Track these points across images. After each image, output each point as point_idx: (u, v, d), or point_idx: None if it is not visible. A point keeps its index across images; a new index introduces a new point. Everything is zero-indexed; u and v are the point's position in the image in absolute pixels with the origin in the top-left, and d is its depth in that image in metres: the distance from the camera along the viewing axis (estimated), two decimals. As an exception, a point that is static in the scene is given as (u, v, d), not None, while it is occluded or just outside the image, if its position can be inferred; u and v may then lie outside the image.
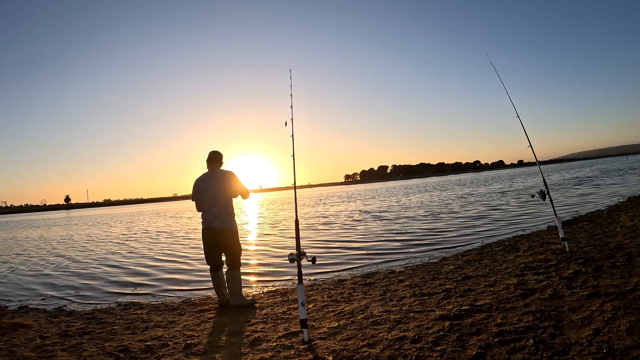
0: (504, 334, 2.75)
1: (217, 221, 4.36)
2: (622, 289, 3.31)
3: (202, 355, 3.08)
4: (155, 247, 11.10)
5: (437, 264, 5.69)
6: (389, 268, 5.86)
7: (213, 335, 3.55)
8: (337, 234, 10.46)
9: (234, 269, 4.40)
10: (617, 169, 33.45)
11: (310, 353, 2.86)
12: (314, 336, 3.19)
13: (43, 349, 3.43)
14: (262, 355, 2.93)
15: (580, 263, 4.37)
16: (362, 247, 8.07)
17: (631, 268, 3.91)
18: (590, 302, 3.15)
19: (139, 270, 7.67)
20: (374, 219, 13.29)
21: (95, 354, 3.23)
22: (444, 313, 3.32)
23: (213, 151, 4.61)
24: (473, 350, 2.58)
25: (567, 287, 3.60)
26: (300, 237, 3.35)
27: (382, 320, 3.37)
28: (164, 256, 9.13)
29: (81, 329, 3.97)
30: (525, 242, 6.45)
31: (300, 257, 3.22)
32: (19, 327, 4.19)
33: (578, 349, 2.41)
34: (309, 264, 3.23)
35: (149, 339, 3.52)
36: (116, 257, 9.55)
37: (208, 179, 4.46)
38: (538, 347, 2.49)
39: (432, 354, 2.60)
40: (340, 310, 3.83)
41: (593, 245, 5.25)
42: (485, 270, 4.81)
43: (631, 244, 4.96)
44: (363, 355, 2.71)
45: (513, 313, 3.15)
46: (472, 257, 5.82)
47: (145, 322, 4.12)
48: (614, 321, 2.72)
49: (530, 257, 5.09)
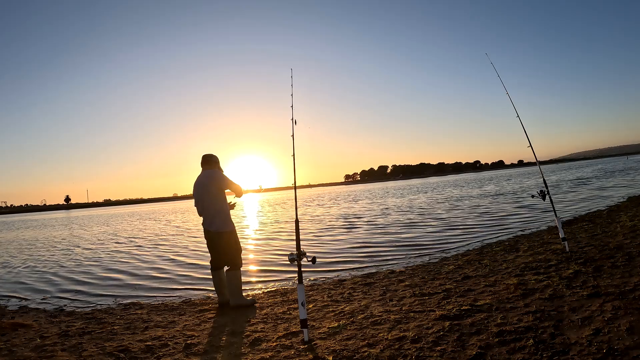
0: (504, 334, 2.75)
1: (213, 224, 4.40)
2: (622, 289, 3.31)
3: (202, 355, 3.08)
4: (157, 248, 11.10)
5: (437, 264, 5.69)
6: (389, 268, 5.86)
7: (213, 335, 3.55)
8: (337, 233, 10.46)
9: (234, 269, 4.41)
10: (617, 169, 33.44)
11: (310, 353, 2.86)
12: (314, 336, 3.19)
13: (43, 349, 3.43)
14: (262, 355, 2.93)
15: (580, 263, 4.37)
16: (362, 247, 8.07)
17: (631, 268, 3.91)
18: (590, 302, 3.15)
19: (139, 270, 7.67)
20: (376, 219, 13.29)
21: (95, 354, 3.23)
22: (444, 313, 3.32)
23: (204, 154, 4.64)
24: (473, 350, 2.58)
25: (567, 287, 3.60)
26: (300, 237, 3.36)
27: (382, 320, 3.37)
28: (165, 257, 9.13)
29: (81, 329, 3.97)
30: (525, 242, 6.45)
31: (300, 257, 3.22)
32: (19, 327, 4.20)
33: (578, 349, 2.41)
34: (309, 264, 3.23)
35: (149, 339, 3.52)
36: (116, 257, 9.55)
37: (197, 182, 4.52)
38: (538, 347, 2.49)
39: (432, 354, 2.60)
40: (340, 310, 3.83)
41: (593, 245, 5.25)
42: (485, 270, 4.81)
43: (631, 244, 4.96)
44: (363, 355, 2.71)
45: (513, 313, 3.15)
46: (472, 257, 5.82)
47: (145, 322, 4.12)
48: (614, 321, 2.72)
49: (530, 257, 5.09)
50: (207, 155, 4.59)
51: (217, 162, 4.61)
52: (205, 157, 4.57)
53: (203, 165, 4.56)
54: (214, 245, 4.46)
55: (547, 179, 15.11)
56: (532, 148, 5.35)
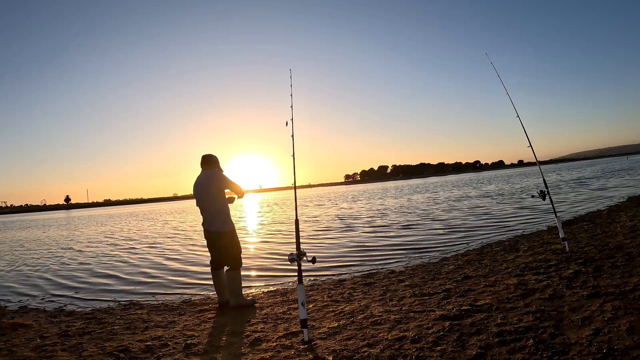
0: (504, 334, 2.75)
1: (213, 225, 4.40)
2: (622, 289, 3.31)
3: (202, 355, 3.08)
4: (158, 248, 11.11)
5: (437, 264, 5.69)
6: (388, 268, 5.86)
7: (213, 335, 3.55)
8: (337, 233, 10.46)
9: (234, 269, 4.41)
10: (617, 169, 33.45)
11: (310, 353, 2.86)
12: (314, 336, 3.19)
13: (43, 349, 3.43)
14: (262, 355, 2.93)
15: (580, 263, 4.37)
16: (362, 247, 8.07)
17: (631, 268, 3.91)
18: (590, 302, 3.15)
19: (139, 270, 7.67)
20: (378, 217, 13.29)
21: (95, 354, 3.23)
22: (444, 313, 3.32)
23: (203, 154, 4.63)
24: (473, 350, 2.58)
25: (567, 287, 3.60)
26: (300, 237, 3.36)
27: (382, 320, 3.37)
28: (165, 257, 9.13)
29: (81, 329, 3.97)
30: (525, 242, 6.45)
31: (300, 257, 3.22)
32: (19, 327, 4.20)
33: (578, 349, 2.41)
34: (309, 264, 3.23)
35: (149, 339, 3.52)
36: (116, 258, 9.55)
37: (196, 182, 4.51)
38: (538, 347, 2.49)
39: (432, 354, 2.60)
40: (340, 310, 3.83)
41: (593, 245, 5.25)
42: (485, 270, 4.81)
43: (631, 244, 4.96)
44: (363, 355, 2.71)
45: (513, 313, 3.15)
46: (472, 257, 5.82)
47: (145, 322, 4.12)
48: (614, 321, 2.72)
49: (530, 257, 5.09)
50: (206, 155, 4.58)
51: (217, 162, 4.60)
52: (204, 157, 4.57)
53: (203, 166, 4.56)
54: (214, 245, 4.46)
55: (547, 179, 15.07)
56: (532, 148, 5.35)
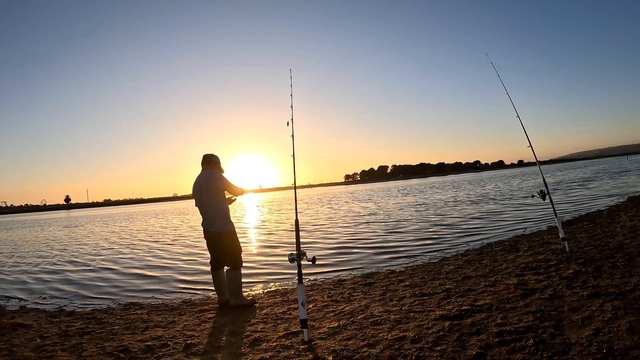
0: (504, 334, 2.75)
1: (213, 225, 4.39)
2: (622, 289, 3.31)
3: (202, 355, 3.08)
4: (158, 248, 11.11)
5: (437, 264, 5.69)
6: (389, 268, 5.86)
7: (213, 335, 3.55)
8: (337, 234, 10.46)
9: (234, 269, 4.40)
10: (618, 169, 33.44)
11: (310, 353, 2.86)
12: (314, 336, 3.19)
13: (43, 349, 3.43)
14: (262, 355, 2.93)
15: (580, 263, 4.36)
16: (362, 247, 8.07)
17: (631, 268, 3.91)
18: (590, 302, 3.15)
19: (139, 270, 7.67)
20: (375, 219, 13.30)
21: (95, 354, 3.23)
22: (444, 313, 3.32)
23: (204, 154, 4.62)
24: (473, 350, 2.58)
25: (567, 287, 3.60)
26: (300, 237, 3.36)
27: (382, 320, 3.37)
28: (165, 257, 9.13)
29: (81, 329, 3.97)
30: (525, 242, 6.44)
31: (300, 257, 3.22)
32: (19, 327, 4.19)
33: (578, 349, 2.41)
34: (309, 264, 3.23)
35: (149, 339, 3.52)
36: (116, 258, 9.55)
37: (196, 183, 4.50)
38: (538, 347, 2.49)
39: (432, 354, 2.60)
40: (340, 310, 3.83)
41: (593, 245, 5.25)
42: (485, 270, 4.81)
43: (631, 244, 4.96)
44: (363, 355, 2.71)
45: (513, 313, 3.15)
46: (472, 257, 5.82)
47: (145, 322, 4.12)
48: (614, 321, 2.72)
49: (530, 257, 5.09)
50: (207, 155, 4.56)
51: (218, 162, 4.58)
52: (205, 157, 4.55)
53: (203, 166, 4.54)
54: (214, 245, 4.46)
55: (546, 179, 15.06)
56: (532, 148, 5.35)
